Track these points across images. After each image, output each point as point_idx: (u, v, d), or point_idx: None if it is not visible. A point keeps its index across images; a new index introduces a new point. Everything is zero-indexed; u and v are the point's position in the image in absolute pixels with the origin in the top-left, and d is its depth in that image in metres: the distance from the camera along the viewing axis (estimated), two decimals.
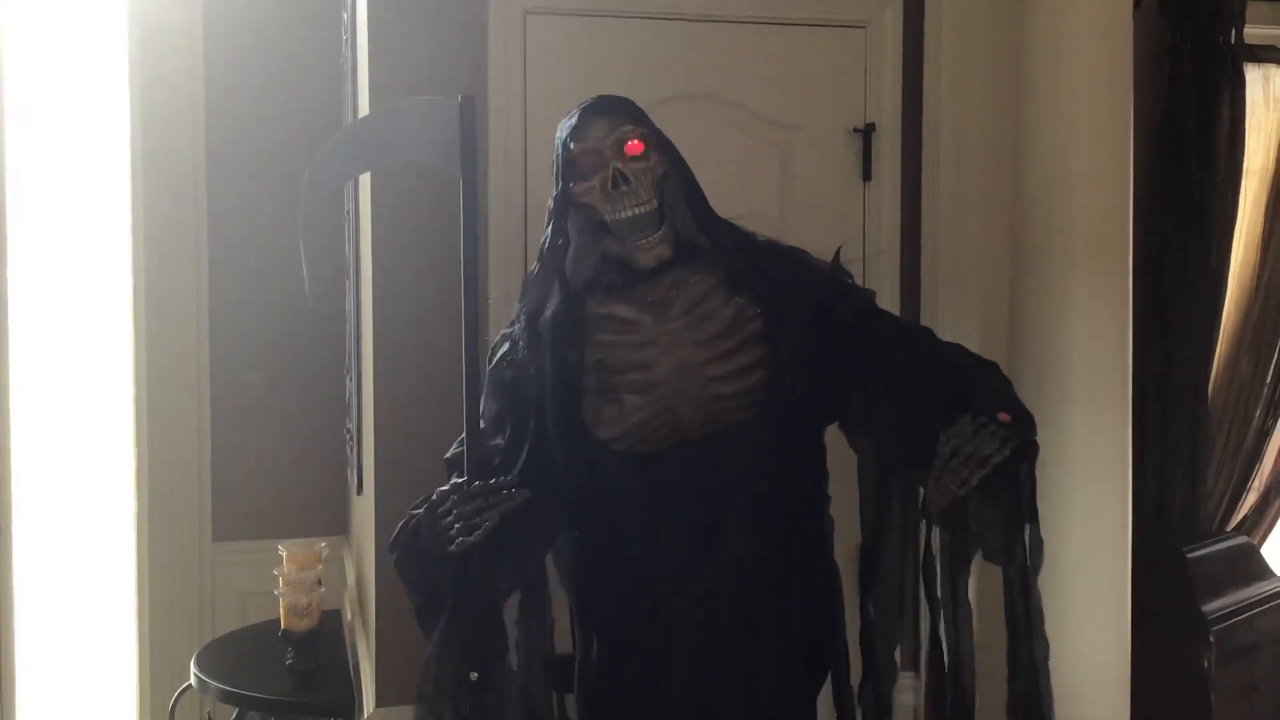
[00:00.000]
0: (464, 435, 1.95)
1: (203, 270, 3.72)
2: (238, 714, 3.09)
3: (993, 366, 2.07)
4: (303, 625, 3.05)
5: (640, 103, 2.08)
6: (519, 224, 2.72)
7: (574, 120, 2.02)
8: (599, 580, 2.09)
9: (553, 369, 2.01)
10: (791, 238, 2.96)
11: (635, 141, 1.99)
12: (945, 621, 2.03)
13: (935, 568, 2.03)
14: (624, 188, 1.97)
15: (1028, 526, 1.95)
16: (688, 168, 2.07)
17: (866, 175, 2.99)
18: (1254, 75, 3.71)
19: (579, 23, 2.77)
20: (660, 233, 2.01)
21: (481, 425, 2.03)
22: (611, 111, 2.01)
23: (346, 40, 3.23)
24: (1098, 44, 2.77)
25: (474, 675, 1.92)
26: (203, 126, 3.67)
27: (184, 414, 3.72)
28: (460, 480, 1.91)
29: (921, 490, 2.02)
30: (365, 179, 2.85)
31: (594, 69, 2.71)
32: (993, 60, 2.95)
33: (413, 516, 1.99)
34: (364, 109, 2.75)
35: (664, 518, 2.01)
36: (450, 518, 1.88)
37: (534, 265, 2.12)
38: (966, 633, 2.02)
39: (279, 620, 3.10)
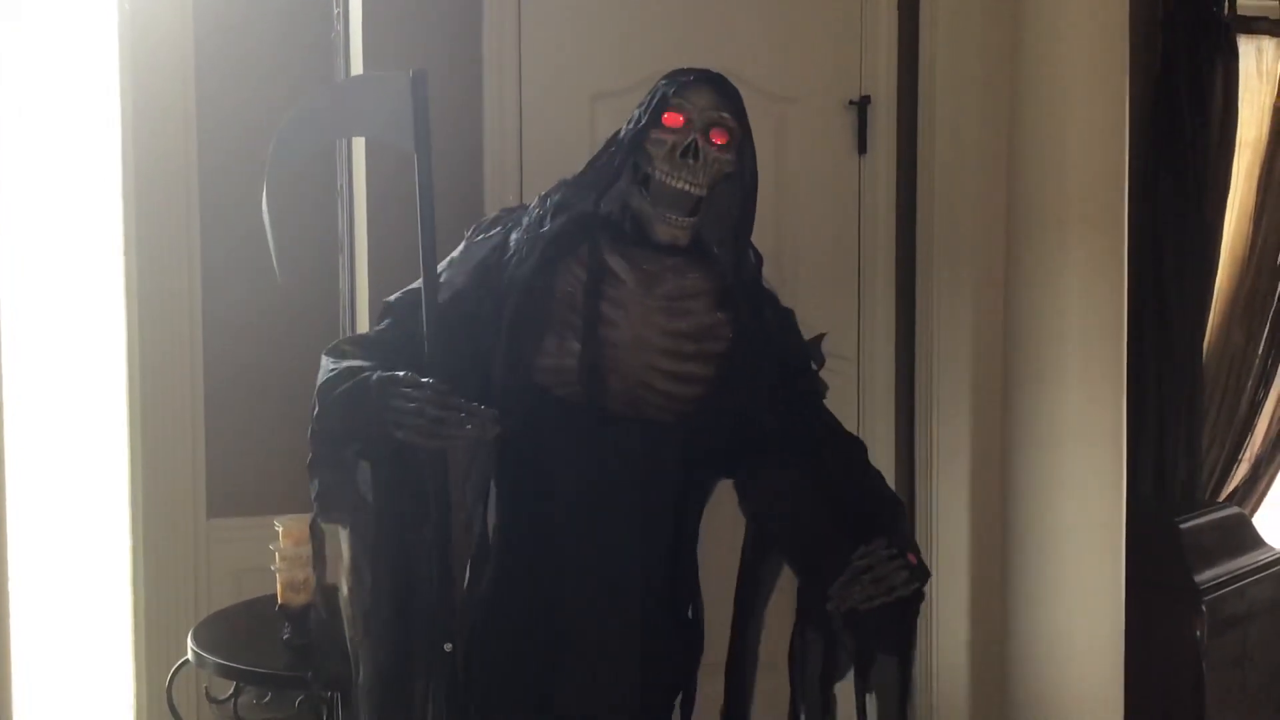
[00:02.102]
0: (413, 287, 1.91)
1: (195, 247, 3.70)
2: (235, 688, 3.10)
3: (903, 505, 2.10)
4: (299, 600, 3.05)
5: (635, 74, 2.08)
6: (515, 193, 2.71)
7: (688, 78, 2.00)
8: (498, 498, 2.06)
9: (530, 276, 1.97)
10: (788, 210, 2.98)
11: (725, 131, 1.98)
12: (810, 714, 2.04)
13: (803, 660, 2.04)
14: (691, 161, 1.95)
15: (903, 662, 1.97)
16: (755, 187, 2.05)
17: (862, 148, 2.99)
18: (1247, 47, 3.72)
19: None
20: (691, 219, 1.99)
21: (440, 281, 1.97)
22: (722, 93, 2.00)
23: (338, 15, 3.22)
24: (1092, 17, 2.77)
25: (448, 646, 1.91)
26: (193, 91, 3.65)
27: (177, 390, 3.71)
28: (436, 383, 1.80)
29: (798, 582, 2.03)
30: (359, 154, 2.84)
31: (589, 40, 2.70)
32: (988, 34, 2.94)
33: (359, 368, 1.88)
34: None
35: (560, 466, 2.00)
36: (411, 406, 1.78)
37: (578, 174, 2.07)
38: None
39: (275, 595, 3.11)
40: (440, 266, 2.00)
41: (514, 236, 2.04)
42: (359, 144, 2.94)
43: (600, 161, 2.04)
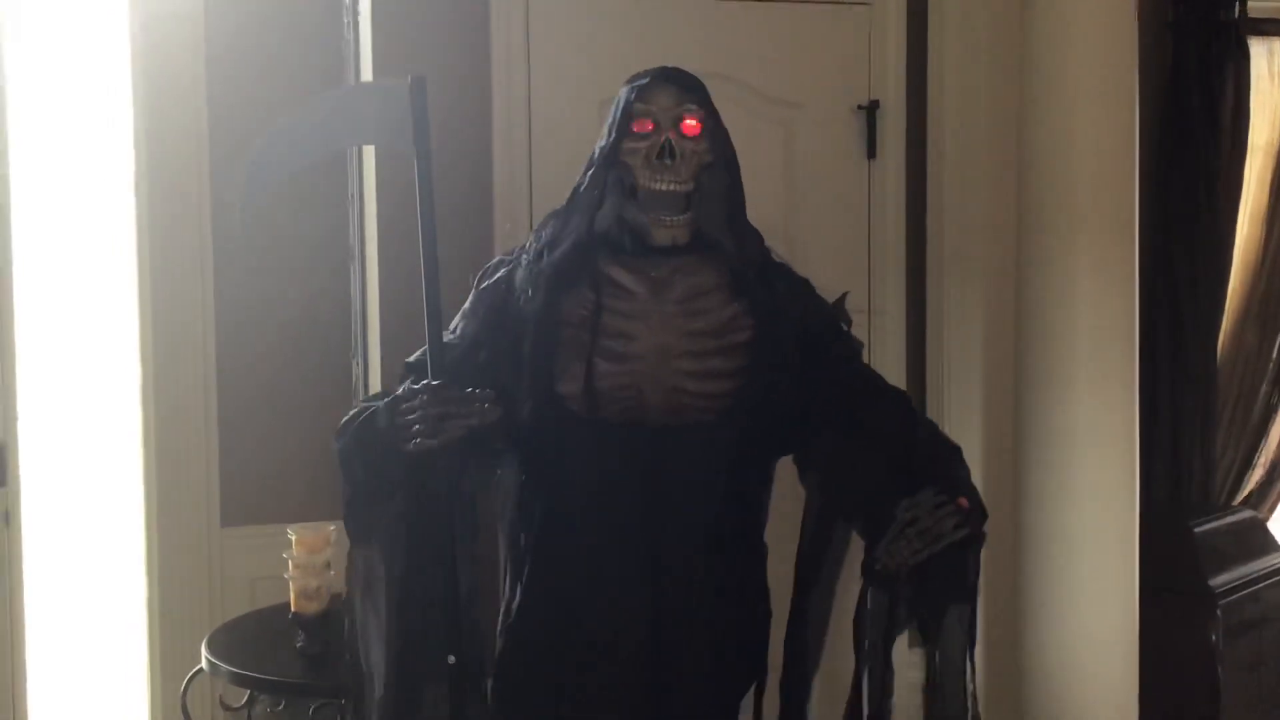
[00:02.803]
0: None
1: (208, 256, 3.71)
2: (249, 696, 3.10)
3: (958, 450, 2.08)
4: (313, 608, 3.05)
5: None
6: (524, 198, 2.72)
7: (645, 81, 2.00)
8: (531, 527, 2.06)
9: (541, 309, 1.98)
10: (797, 214, 2.98)
11: (694, 121, 1.98)
12: (869, 681, 2.02)
13: (865, 624, 2.01)
14: (668, 161, 1.95)
15: (964, 609, 1.95)
16: (737, 167, 2.05)
17: (871, 152, 2.99)
18: (1258, 49, 3.70)
19: (582, 1, 2.77)
20: (684, 216, 2.00)
21: (453, 338, 2.00)
22: (683, 85, 2.00)
23: (349, 24, 3.23)
24: (1101, 20, 2.77)
25: (451, 659, 1.91)
26: (204, 97, 3.66)
27: (191, 399, 3.72)
28: (432, 381, 1.85)
29: (865, 546, 2.02)
30: (369, 161, 2.85)
31: (597, 46, 2.70)
32: (997, 38, 2.94)
33: (367, 408, 1.94)
34: None
35: (605, 489, 2.00)
36: (415, 415, 1.82)
37: (561, 205, 2.09)
38: (890, 692, 2.02)
39: (288, 604, 3.11)
40: (454, 321, 2.03)
41: (518, 275, 2.04)
42: (369, 152, 2.95)
43: (582, 185, 2.04)
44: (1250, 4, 3.58)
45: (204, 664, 3.13)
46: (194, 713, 3.31)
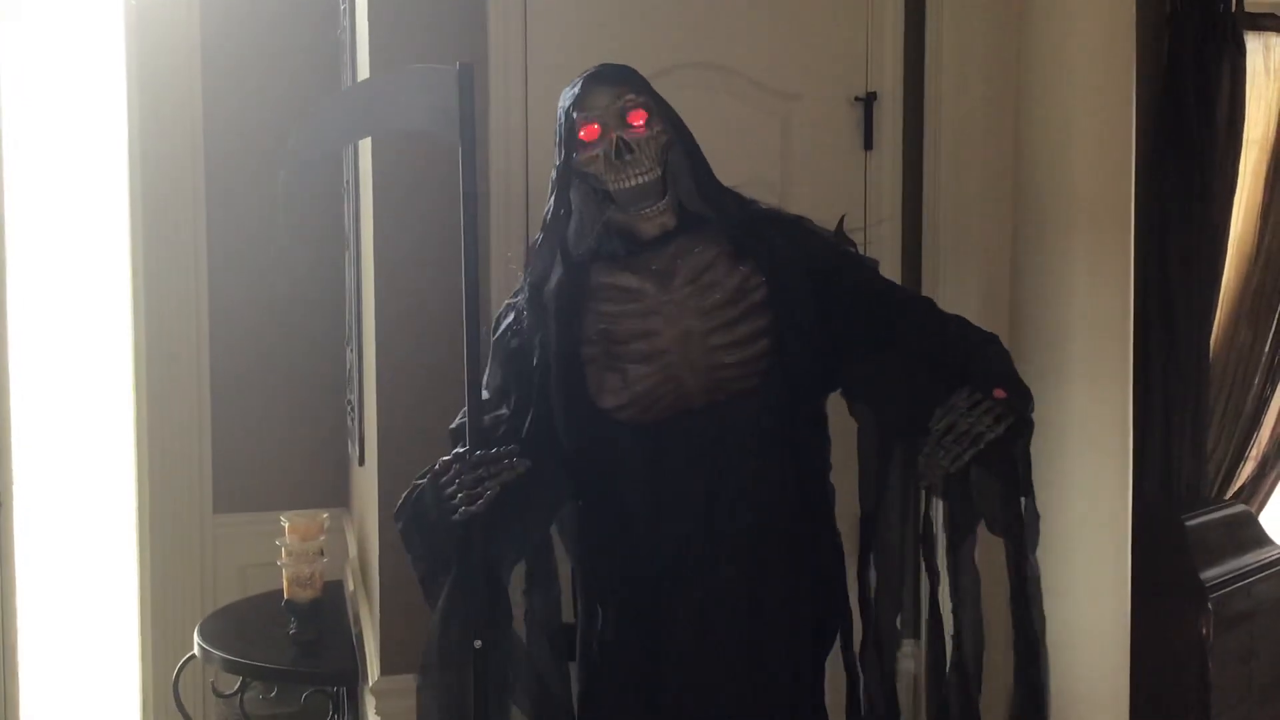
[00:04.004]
0: (466, 406, 1.96)
1: (201, 243, 3.72)
2: (241, 683, 3.11)
3: (994, 340, 2.08)
4: (306, 595, 3.06)
5: (641, 71, 2.08)
6: (520, 193, 2.71)
7: (577, 89, 2.02)
8: (603, 549, 2.10)
9: (557, 338, 2.01)
10: (793, 206, 2.96)
11: (638, 110, 1.99)
12: (951, 590, 2.04)
13: (934, 537, 2.04)
14: (627, 157, 1.96)
15: (1024, 501, 1.96)
16: (691, 137, 2.06)
17: (868, 144, 2.98)
18: (1254, 44, 3.70)
19: None
20: (664, 202, 2.01)
21: (486, 395, 2.03)
22: (615, 80, 2.01)
23: (345, 11, 3.22)
24: (1099, 12, 2.76)
25: (478, 644, 1.94)
26: (199, 92, 3.66)
27: (183, 387, 3.72)
28: (462, 450, 1.93)
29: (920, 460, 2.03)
30: (365, 149, 2.84)
31: (595, 37, 2.69)
32: (995, 29, 2.93)
33: (417, 486, 2.00)
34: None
35: (667, 487, 2.02)
36: (453, 487, 1.91)
37: (537, 235, 2.12)
38: (972, 602, 2.03)
39: (280, 591, 3.12)
40: (484, 377, 2.07)
41: (526, 314, 2.07)
42: (365, 141, 2.94)
43: (549, 212, 2.07)
44: None
45: (196, 651, 3.14)
46: (186, 699, 3.32)
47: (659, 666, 2.05)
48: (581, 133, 1.98)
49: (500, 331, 2.11)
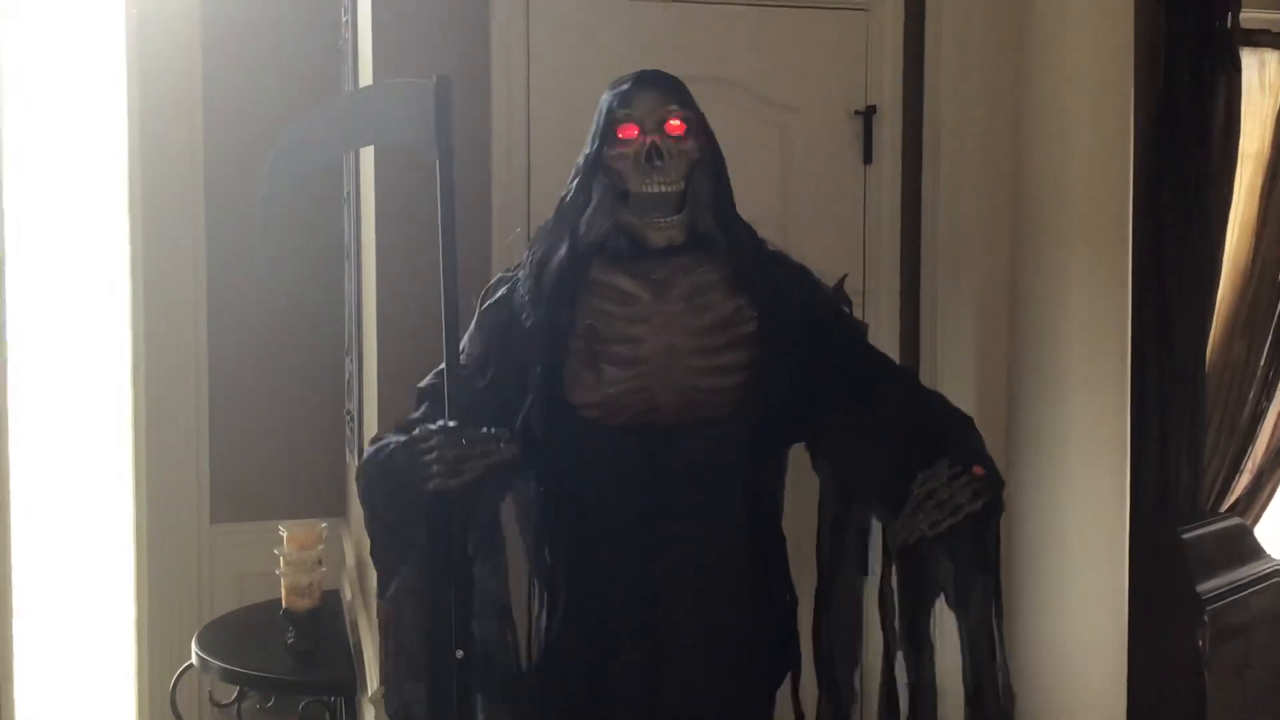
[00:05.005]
0: (442, 368, 1.92)
1: (201, 253, 3.72)
2: (239, 692, 3.11)
3: (969, 420, 2.10)
4: (304, 605, 3.06)
5: None
6: (521, 199, 2.72)
7: (625, 87, 2.02)
8: (558, 540, 2.09)
9: (545, 323, 2.00)
10: (792, 220, 2.99)
11: (679, 121, 2.00)
12: (905, 659, 2.04)
13: (892, 604, 2.04)
14: (656, 163, 1.97)
15: (988, 578, 1.97)
16: (723, 163, 2.07)
17: (867, 157, 3.00)
18: (1250, 60, 3.72)
19: (582, 4, 2.77)
20: (678, 216, 2.01)
21: (463, 361, 2.00)
22: (663, 87, 2.02)
23: (346, 22, 3.23)
24: (1097, 29, 2.77)
25: (460, 654, 1.92)
26: (199, 97, 3.67)
27: (182, 395, 3.73)
28: (447, 422, 1.88)
29: (882, 525, 2.03)
30: (367, 159, 2.85)
31: (596, 49, 2.71)
32: (994, 44, 2.95)
33: (387, 444, 1.96)
34: None
35: (625, 494, 2.02)
36: (432, 456, 1.86)
37: (549, 218, 2.10)
38: (928, 672, 2.04)
39: (278, 600, 3.12)
40: (461, 343, 2.02)
41: (518, 294, 2.06)
42: (366, 150, 2.95)
43: (569, 197, 2.06)
44: (1243, 15, 3.61)
45: (194, 660, 3.13)
46: (183, 709, 3.32)
47: (606, 671, 2.05)
48: (619, 129, 1.99)
49: (491, 302, 2.10)
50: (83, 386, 4.28)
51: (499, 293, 2.10)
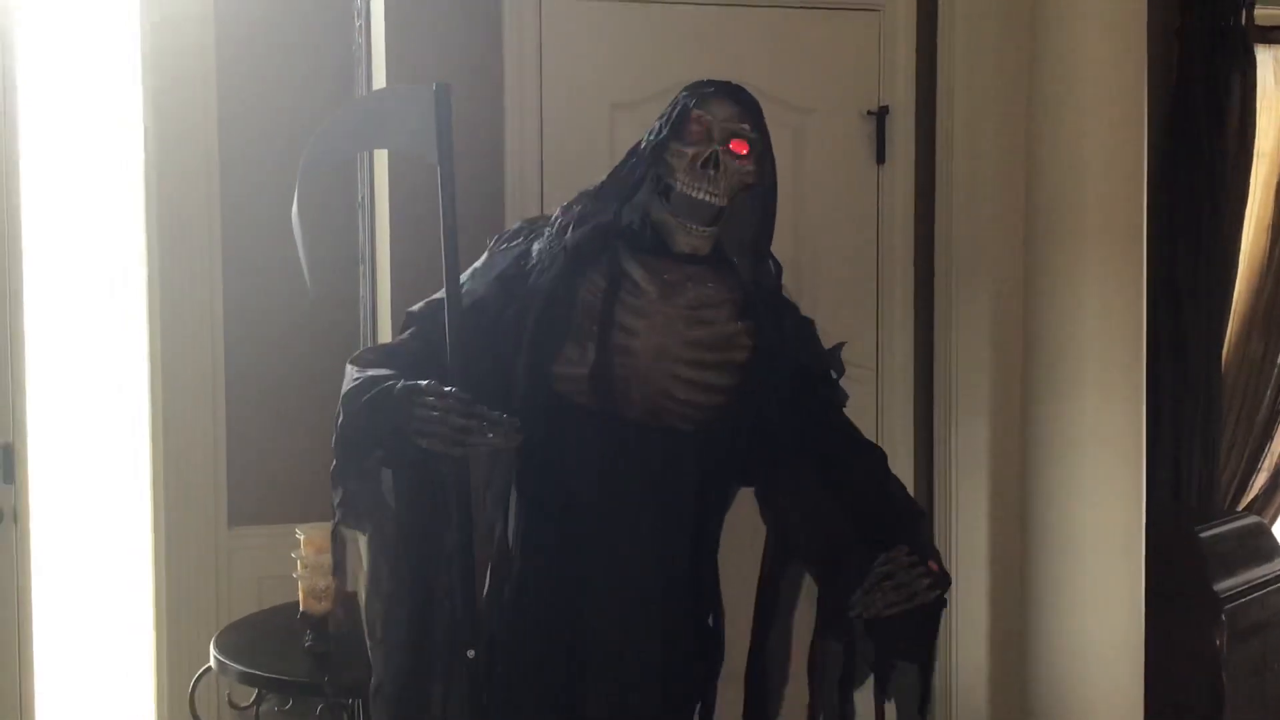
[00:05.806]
0: (441, 296, 1.91)
1: (217, 258, 3.73)
2: (257, 695, 3.11)
3: (924, 514, 2.12)
4: (321, 608, 3.06)
5: (655, 86, 2.09)
6: (534, 208, 2.73)
7: (708, 90, 2.02)
8: (519, 517, 2.08)
9: (554, 284, 1.99)
10: (806, 220, 2.99)
11: (745, 141, 2.00)
12: None
13: (820, 671, 2.04)
14: (711, 172, 1.96)
15: (923, 668, 1.98)
16: (774, 195, 2.07)
17: (880, 157, 3.00)
18: (1264, 56, 3.72)
19: (594, 7, 2.78)
20: (710, 229, 2.01)
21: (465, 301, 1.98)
22: (742, 104, 2.02)
23: (360, 27, 3.24)
24: (1109, 26, 2.77)
25: (471, 653, 1.92)
26: (214, 101, 3.67)
27: (199, 400, 3.73)
28: (459, 392, 1.83)
29: (818, 589, 2.04)
30: (381, 165, 2.87)
31: (609, 53, 2.72)
32: (1006, 43, 2.95)
33: (376, 378, 1.90)
34: None
35: (576, 476, 2.01)
36: (435, 414, 1.81)
37: (596, 184, 2.08)
38: None
39: (296, 603, 3.12)
40: (463, 276, 2.01)
41: (536, 246, 2.05)
42: (381, 156, 2.96)
43: (621, 172, 2.05)
44: (1256, 11, 3.60)
45: (212, 663, 3.14)
46: (202, 711, 3.32)
47: (549, 648, 2.05)
48: (689, 127, 1.99)
49: (507, 247, 2.09)
50: (101, 392, 4.30)
51: (515, 241, 2.10)
